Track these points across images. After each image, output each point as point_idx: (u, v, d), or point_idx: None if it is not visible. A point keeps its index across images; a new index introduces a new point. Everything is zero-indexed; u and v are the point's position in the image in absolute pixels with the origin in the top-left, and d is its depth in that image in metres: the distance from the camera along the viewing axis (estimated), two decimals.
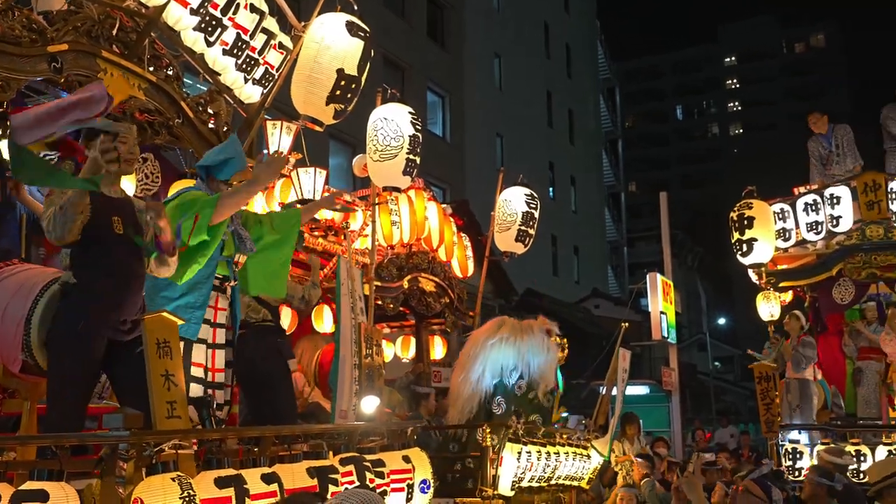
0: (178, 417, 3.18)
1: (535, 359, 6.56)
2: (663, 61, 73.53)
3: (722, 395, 31.39)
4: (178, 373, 3.25)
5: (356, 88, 5.36)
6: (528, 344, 6.60)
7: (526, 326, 6.75)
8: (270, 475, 3.33)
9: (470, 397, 6.63)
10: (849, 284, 9.55)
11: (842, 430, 8.90)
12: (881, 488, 4.33)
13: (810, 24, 72.93)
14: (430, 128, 23.88)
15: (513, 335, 6.65)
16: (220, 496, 3.03)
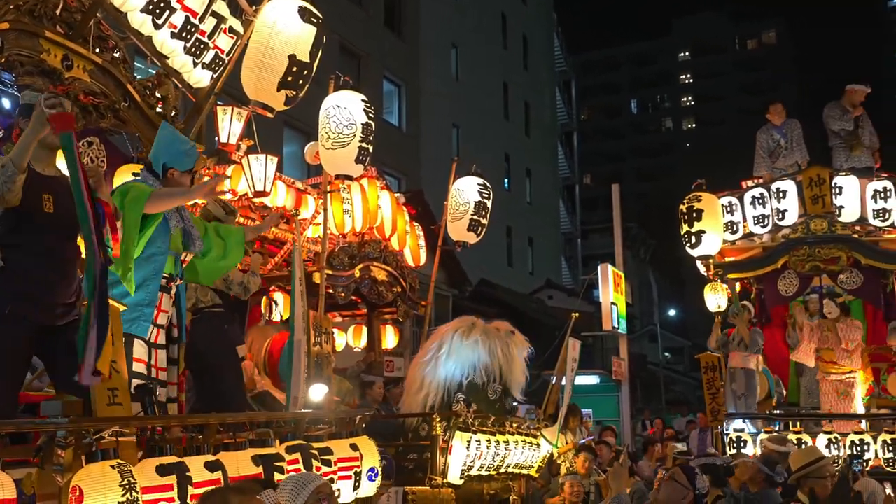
0: (119, 405, 3.13)
1: (509, 362, 6.64)
2: (619, 54, 74.16)
3: (672, 385, 31.87)
4: (119, 360, 3.20)
5: (308, 75, 5.31)
6: (502, 347, 6.67)
7: (494, 330, 6.81)
8: (214, 463, 3.30)
9: (434, 391, 6.64)
10: (793, 277, 9.77)
11: (784, 419, 9.11)
12: (800, 476, 4.43)
13: (761, 21, 74.20)
14: (386, 117, 23.80)
15: (487, 337, 6.71)
16: (161, 484, 2.99)
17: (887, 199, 9.27)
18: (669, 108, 76.58)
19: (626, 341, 14.84)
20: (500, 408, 6.80)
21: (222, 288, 5.25)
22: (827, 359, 9.05)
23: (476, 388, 6.69)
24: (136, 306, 3.82)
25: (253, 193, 7.03)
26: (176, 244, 4.02)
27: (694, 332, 34.23)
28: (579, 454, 8.16)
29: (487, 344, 6.70)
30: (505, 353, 6.70)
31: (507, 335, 6.79)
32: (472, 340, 6.71)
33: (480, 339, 6.72)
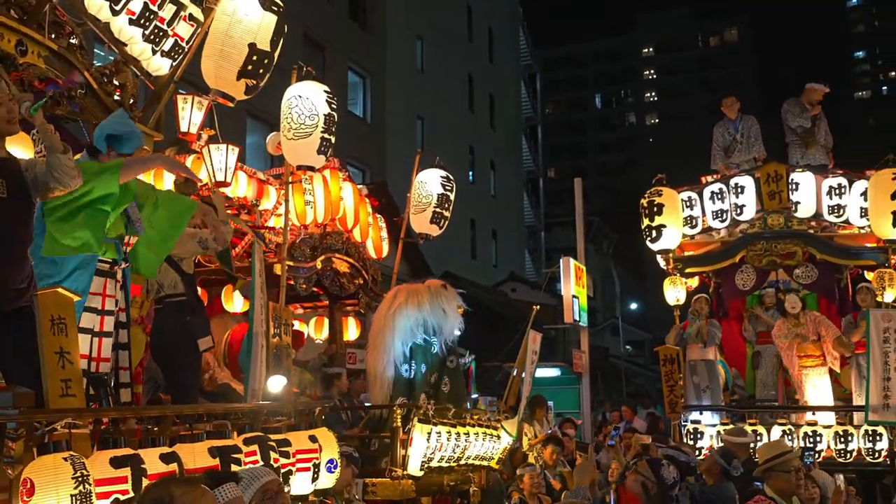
0: (72, 396, 3.09)
1: (436, 315, 6.56)
2: (583, 49, 74.59)
3: (633, 377, 32.21)
4: (73, 350, 3.15)
5: (269, 64, 5.27)
6: (427, 302, 6.62)
7: (420, 288, 6.76)
8: (170, 455, 3.27)
9: (384, 371, 6.63)
10: (750, 271, 9.94)
11: (741, 411, 9.27)
12: (765, 470, 4.51)
13: (724, 18, 75.13)
14: (351, 108, 23.69)
15: (409, 298, 6.66)
16: (115, 476, 2.95)
17: (842, 196, 9.45)
18: (633, 104, 77.27)
19: (588, 334, 14.97)
20: (450, 370, 6.72)
21: (199, 250, 5.13)
22: (802, 353, 9.18)
23: (419, 348, 6.64)
24: None
25: (214, 184, 6.96)
26: (119, 229, 3.93)
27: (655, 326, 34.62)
28: (546, 446, 8.24)
29: (415, 304, 6.66)
30: (433, 306, 6.63)
31: (436, 289, 6.74)
32: (398, 307, 6.69)
33: (407, 303, 6.68)
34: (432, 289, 6.70)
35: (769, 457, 4.50)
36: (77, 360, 3.17)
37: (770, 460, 4.46)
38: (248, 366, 4.45)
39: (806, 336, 9.12)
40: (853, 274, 9.89)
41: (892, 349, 8.02)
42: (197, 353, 5.26)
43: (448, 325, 6.62)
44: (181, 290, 5.09)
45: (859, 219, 9.45)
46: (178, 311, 5.10)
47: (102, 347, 3.92)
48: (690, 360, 9.41)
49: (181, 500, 2.31)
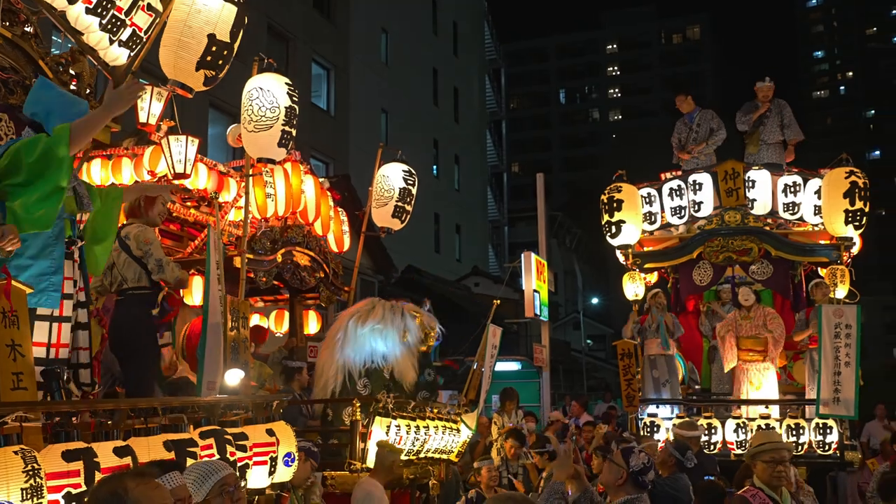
0: (24, 389, 3.06)
1: (397, 349, 6.63)
2: (548, 45, 74.93)
3: (594, 371, 32.54)
4: (25, 343, 3.12)
5: (228, 55, 5.22)
6: (395, 332, 6.66)
7: (395, 312, 6.78)
8: (124, 448, 3.26)
9: (335, 375, 6.65)
10: (707, 267, 10.10)
11: (696, 404, 9.42)
12: (752, 454, 4.57)
13: (686, 16, 75.98)
14: (315, 101, 23.54)
15: (382, 322, 6.70)
16: (67, 469, 2.94)
17: (797, 194, 9.63)
18: (597, 100, 77.80)
19: (549, 328, 15.09)
20: (404, 394, 6.76)
21: (139, 256, 5.10)
22: (744, 347, 9.33)
23: (377, 373, 6.71)
24: (41, 277, 3.64)
25: (173, 175, 6.89)
26: (70, 206, 3.88)
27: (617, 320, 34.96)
28: (507, 439, 8.30)
29: (384, 333, 6.71)
30: (395, 339, 6.67)
31: (408, 318, 6.75)
32: (368, 328, 6.73)
33: (378, 326, 6.72)
34: (406, 316, 6.74)
35: (755, 444, 4.56)
36: (29, 353, 3.14)
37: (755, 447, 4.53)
38: (203, 359, 4.43)
39: (750, 332, 9.23)
40: (807, 270, 10.09)
41: (843, 344, 8.20)
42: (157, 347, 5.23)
43: (405, 367, 6.65)
44: (145, 284, 5.05)
45: (813, 216, 9.62)
46: (142, 304, 5.06)
47: (62, 332, 3.84)
48: (650, 355, 9.54)
49: (135, 492, 2.31)
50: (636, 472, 4.41)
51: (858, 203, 9.06)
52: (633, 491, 4.40)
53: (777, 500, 4.43)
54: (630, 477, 4.41)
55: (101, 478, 2.82)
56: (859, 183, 9.07)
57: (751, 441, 4.91)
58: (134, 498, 2.29)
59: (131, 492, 2.30)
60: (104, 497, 2.32)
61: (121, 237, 4.80)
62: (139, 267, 4.98)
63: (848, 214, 9.09)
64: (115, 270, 4.91)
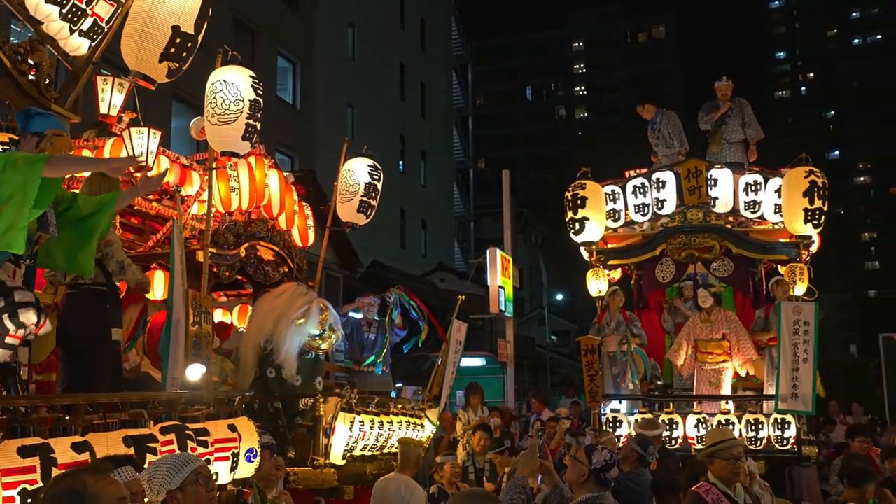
0: None
1: (290, 336, 6.50)
2: (515, 42, 75.12)
3: (558, 367, 32.72)
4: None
5: (192, 47, 5.18)
6: (287, 319, 6.54)
7: (295, 300, 6.66)
8: (82, 444, 3.22)
9: (253, 364, 6.59)
10: (670, 264, 10.21)
11: (657, 400, 9.52)
12: (710, 453, 4.61)
13: (652, 16, 76.68)
14: (280, 94, 23.37)
15: (278, 308, 6.63)
16: (23, 465, 2.90)
17: (757, 192, 9.77)
18: (563, 97, 78.22)
19: (513, 324, 15.15)
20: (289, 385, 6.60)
21: (104, 262, 5.05)
22: (704, 349, 9.43)
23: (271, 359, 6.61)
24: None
25: (134, 168, 6.80)
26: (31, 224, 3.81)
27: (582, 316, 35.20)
28: (475, 433, 8.33)
29: (278, 314, 6.60)
30: (286, 326, 6.55)
31: (306, 306, 6.62)
32: (269, 309, 6.66)
33: (276, 309, 6.64)
34: (301, 305, 6.62)
35: (713, 442, 4.61)
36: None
37: (713, 446, 4.58)
38: (166, 354, 4.39)
39: (708, 334, 9.33)
40: (767, 268, 10.23)
41: (801, 340, 8.33)
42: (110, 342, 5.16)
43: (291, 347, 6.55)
44: (102, 281, 4.99)
45: (773, 215, 9.76)
46: (95, 298, 4.99)
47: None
48: (609, 352, 9.62)
49: (94, 488, 2.29)
50: (598, 469, 4.44)
51: (817, 202, 9.21)
52: (596, 489, 4.42)
53: (731, 496, 4.50)
54: (592, 474, 4.44)
55: (58, 474, 2.79)
56: (818, 182, 9.22)
57: (705, 439, 4.96)
58: (93, 494, 2.27)
59: (90, 487, 2.28)
60: (62, 493, 2.29)
61: None
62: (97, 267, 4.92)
63: (807, 213, 9.23)
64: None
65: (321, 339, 6.56)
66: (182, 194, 7.38)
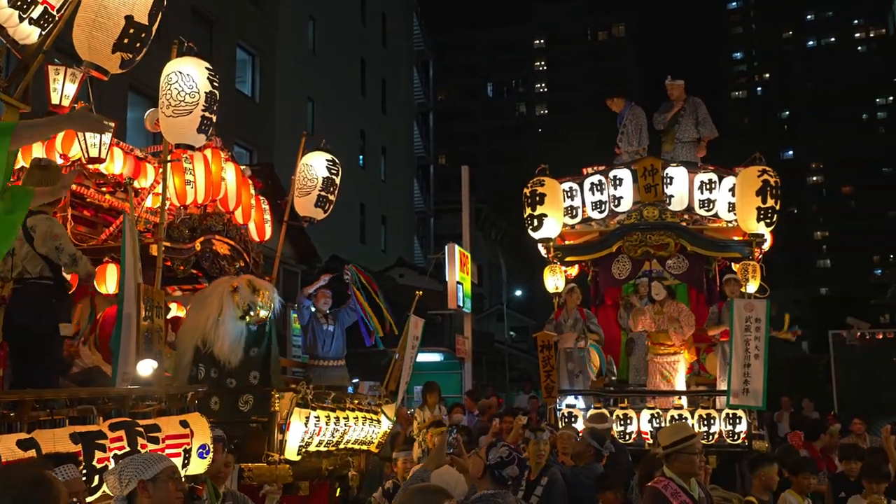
0: None
1: (217, 329, 6.33)
2: (476, 38, 75.26)
3: (517, 363, 32.89)
4: None
5: (146, 38, 5.07)
6: (211, 312, 6.40)
7: (216, 290, 6.54)
8: (28, 441, 3.17)
9: (189, 362, 6.47)
10: (626, 261, 10.31)
11: (612, 395, 9.62)
12: (669, 453, 4.66)
13: (613, 14, 77.34)
14: (239, 87, 23.14)
15: (205, 298, 6.53)
16: None
17: (712, 191, 9.89)
18: (524, 94, 78.59)
19: (472, 320, 15.20)
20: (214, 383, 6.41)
21: (52, 257, 4.97)
22: (655, 341, 9.56)
23: (202, 355, 6.46)
24: None
25: (87, 159, 6.69)
26: None
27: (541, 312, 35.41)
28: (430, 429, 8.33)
29: (203, 307, 6.47)
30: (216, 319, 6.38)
31: (226, 295, 6.45)
32: (198, 302, 6.56)
33: (203, 300, 6.53)
34: (226, 297, 6.43)
35: (675, 440, 4.66)
36: None
37: (676, 443, 4.63)
38: (117, 349, 4.33)
39: (663, 325, 9.46)
40: (721, 265, 10.37)
41: (753, 337, 8.47)
42: (58, 337, 5.08)
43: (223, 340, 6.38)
44: (48, 275, 4.90)
45: (727, 213, 9.89)
46: (43, 293, 4.90)
47: None
48: (565, 348, 9.69)
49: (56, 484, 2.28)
50: (492, 465, 4.43)
51: (770, 201, 9.35)
52: (491, 485, 4.39)
53: (687, 489, 4.58)
54: (487, 471, 4.45)
55: (3, 468, 2.74)
56: (771, 181, 9.36)
57: (662, 434, 5.03)
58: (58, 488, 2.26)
59: (55, 482, 2.27)
60: (31, 482, 2.25)
61: (26, 228, 4.64)
62: (42, 262, 4.83)
63: (760, 212, 9.37)
64: (16, 259, 4.75)
65: (252, 315, 6.41)
66: (136, 187, 7.28)
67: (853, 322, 17.01)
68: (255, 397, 6.36)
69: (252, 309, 6.33)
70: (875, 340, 16.10)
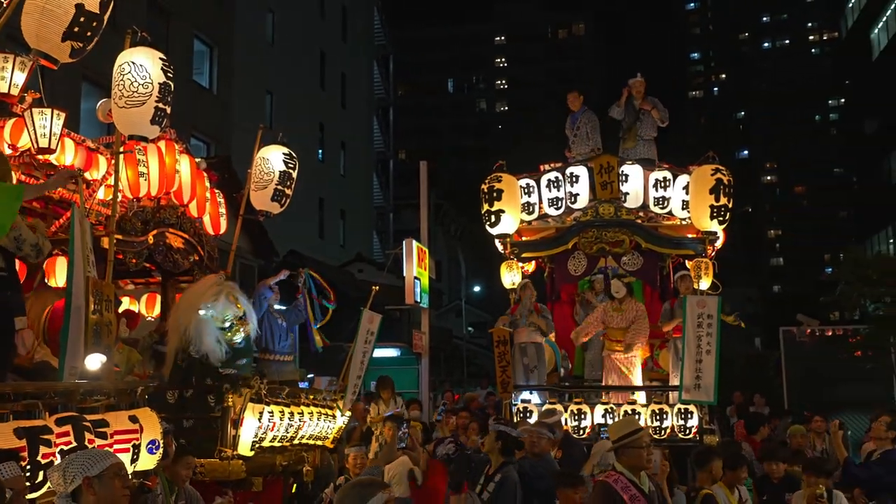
0: None
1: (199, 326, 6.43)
2: (437, 34, 75.23)
3: (475, 358, 32.99)
4: None
5: (98, 27, 5.01)
6: (196, 309, 6.47)
7: (208, 290, 6.59)
8: None
9: (172, 357, 6.49)
10: (582, 257, 10.41)
11: (567, 391, 9.71)
12: (619, 447, 4.73)
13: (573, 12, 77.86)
14: (197, 78, 22.85)
15: (192, 298, 6.56)
16: None
17: (666, 189, 10.02)
18: (484, 90, 78.78)
19: (429, 315, 15.19)
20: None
21: (11, 248, 4.86)
22: (612, 338, 9.64)
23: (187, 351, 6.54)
24: None
25: (36, 150, 6.55)
26: None
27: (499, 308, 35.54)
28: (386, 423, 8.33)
29: (191, 304, 6.56)
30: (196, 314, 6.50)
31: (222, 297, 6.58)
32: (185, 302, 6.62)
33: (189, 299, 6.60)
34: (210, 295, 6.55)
35: (623, 434, 4.73)
36: None
37: (624, 437, 4.70)
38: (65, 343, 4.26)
39: (619, 323, 9.55)
40: (674, 262, 10.51)
41: (705, 333, 8.59)
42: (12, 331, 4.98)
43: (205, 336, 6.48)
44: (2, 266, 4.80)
45: (681, 211, 10.02)
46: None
47: None
48: (520, 343, 9.74)
49: None
50: (440, 458, 4.48)
51: (723, 199, 9.49)
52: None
53: (637, 483, 4.65)
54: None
55: None
56: (724, 180, 9.50)
57: (612, 429, 5.10)
58: None
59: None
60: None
61: None
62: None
63: (713, 210, 9.51)
64: None
65: (230, 332, 6.44)
66: (87, 178, 7.16)
67: (803, 319, 17.38)
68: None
69: (233, 327, 6.37)
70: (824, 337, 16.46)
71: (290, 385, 7.32)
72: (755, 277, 66.17)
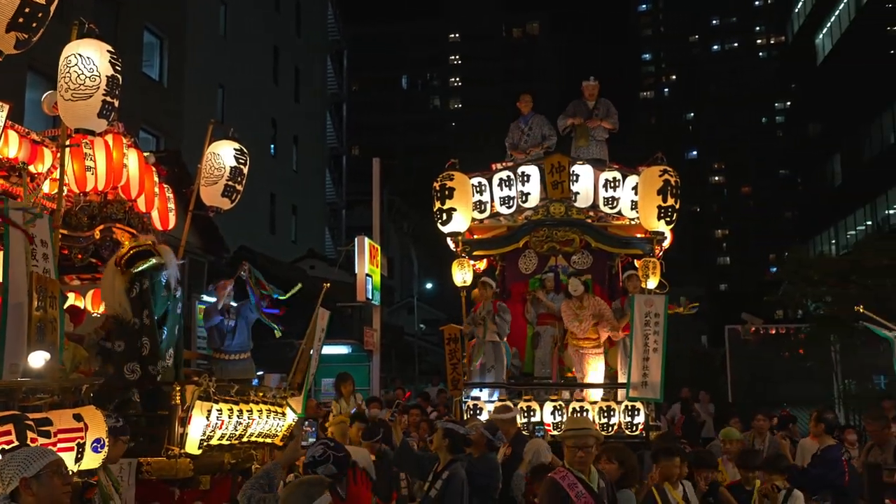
0: None
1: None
2: (392, 30, 75.10)
3: (426, 355, 33.03)
4: None
5: (43, 18, 4.91)
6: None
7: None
8: None
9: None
10: (533, 256, 10.51)
11: (517, 388, 9.79)
12: (562, 438, 4.82)
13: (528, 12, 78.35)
14: (147, 71, 22.49)
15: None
16: None
17: (616, 189, 10.16)
18: (438, 87, 78.84)
19: (381, 312, 15.20)
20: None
21: None
22: (579, 335, 9.73)
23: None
24: None
25: None
26: None
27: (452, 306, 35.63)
28: (352, 423, 8.31)
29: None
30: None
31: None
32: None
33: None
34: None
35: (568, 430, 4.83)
36: None
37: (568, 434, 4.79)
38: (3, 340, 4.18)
39: (584, 319, 9.67)
40: (623, 262, 10.67)
41: (652, 331, 8.75)
42: None
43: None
44: None
45: (630, 211, 10.17)
46: None
47: None
48: (479, 340, 9.77)
49: None
50: (307, 464, 4.50)
51: (670, 200, 9.66)
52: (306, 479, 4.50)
53: (585, 480, 4.72)
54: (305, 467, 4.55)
55: None
56: (672, 181, 9.67)
57: (565, 426, 5.20)
58: None
59: None
60: None
61: None
62: None
63: (660, 210, 9.67)
64: None
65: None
66: (31, 171, 7.03)
67: (748, 318, 17.77)
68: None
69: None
70: (768, 336, 16.86)
71: (241, 383, 7.26)
72: (703, 277, 67.30)
